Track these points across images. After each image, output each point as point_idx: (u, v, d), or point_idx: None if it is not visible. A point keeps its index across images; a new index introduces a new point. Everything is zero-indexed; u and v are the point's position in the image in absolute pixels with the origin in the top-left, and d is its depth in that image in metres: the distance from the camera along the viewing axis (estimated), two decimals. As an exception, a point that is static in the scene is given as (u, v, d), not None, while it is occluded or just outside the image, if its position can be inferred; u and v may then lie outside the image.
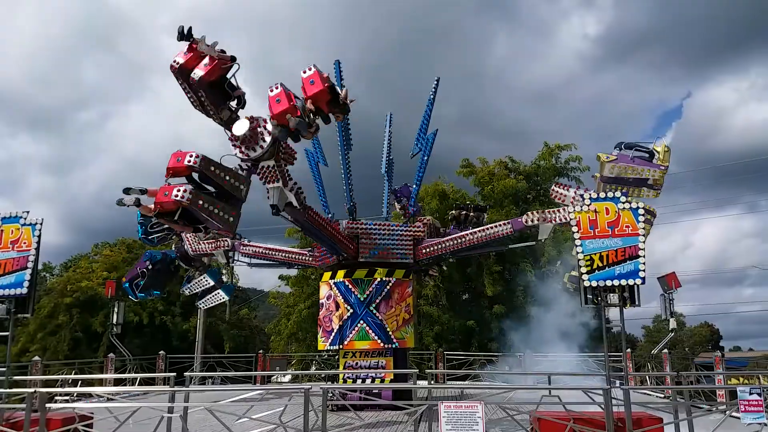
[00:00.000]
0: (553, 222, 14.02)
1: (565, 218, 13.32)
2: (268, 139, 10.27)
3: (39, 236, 10.45)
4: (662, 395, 15.72)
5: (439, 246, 15.39)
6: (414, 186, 16.77)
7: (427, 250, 15.43)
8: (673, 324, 21.12)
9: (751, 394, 8.28)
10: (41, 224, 10.50)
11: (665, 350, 20.59)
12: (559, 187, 14.32)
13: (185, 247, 17.23)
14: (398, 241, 15.31)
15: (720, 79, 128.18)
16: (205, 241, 16.77)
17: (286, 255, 16.72)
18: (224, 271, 38.56)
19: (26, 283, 10.20)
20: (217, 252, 16.93)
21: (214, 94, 10.24)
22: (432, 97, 16.54)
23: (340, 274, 15.11)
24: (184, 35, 9.92)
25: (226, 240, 16.57)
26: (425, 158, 16.64)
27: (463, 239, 15.21)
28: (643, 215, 9.60)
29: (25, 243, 10.40)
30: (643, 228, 9.69)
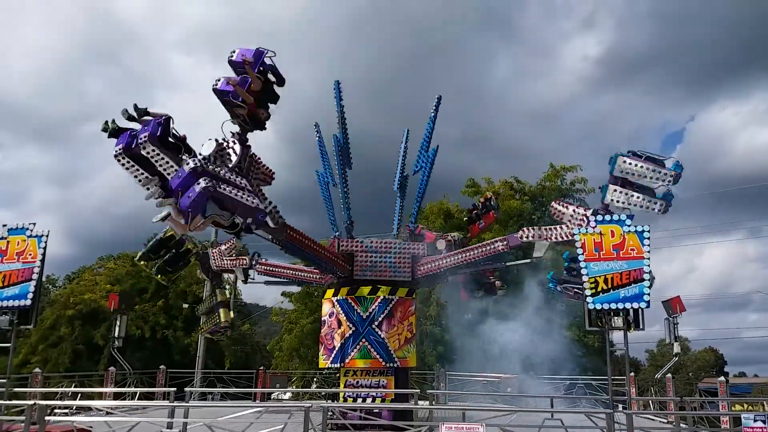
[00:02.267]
0: (549, 240, 13.49)
1: (563, 236, 12.98)
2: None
3: (44, 248, 10.50)
4: (665, 420, 15.55)
5: (436, 263, 15.22)
6: (414, 204, 16.85)
7: (425, 267, 15.25)
8: (677, 348, 20.92)
9: (756, 421, 8.20)
10: (47, 236, 10.55)
11: (669, 375, 20.41)
12: (558, 203, 13.80)
13: (210, 261, 17.23)
14: (395, 259, 15.26)
15: (722, 102, 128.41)
16: (227, 257, 16.89)
17: (299, 273, 16.88)
18: (228, 286, 38.71)
19: (30, 295, 10.22)
20: (237, 269, 16.91)
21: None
22: (433, 115, 16.62)
23: (343, 291, 15.07)
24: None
25: (245, 258, 16.65)
26: (426, 176, 16.72)
27: (460, 256, 14.99)
28: (648, 238, 9.58)
29: (30, 255, 10.44)
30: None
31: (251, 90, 10.64)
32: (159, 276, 16.78)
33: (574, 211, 12.87)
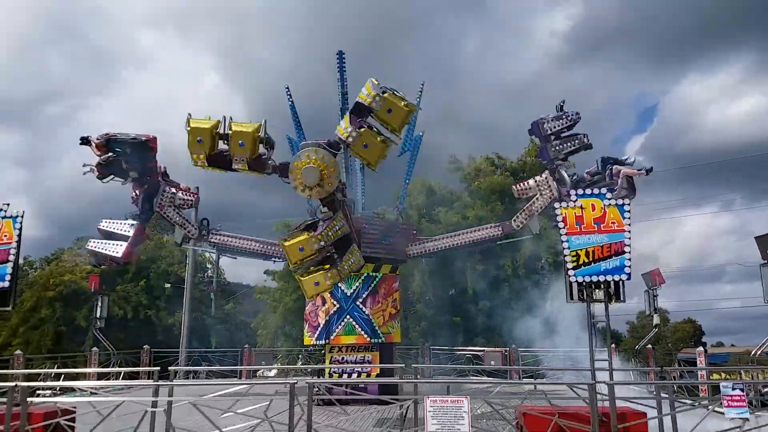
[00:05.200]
0: (537, 212, 14.78)
1: (544, 204, 14.47)
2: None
3: (20, 229, 10.30)
4: (646, 390, 15.84)
5: (432, 244, 16.02)
6: (403, 185, 16.95)
7: (418, 249, 15.84)
8: (656, 320, 21.27)
9: (734, 389, 8.36)
10: (22, 216, 10.34)
11: (649, 346, 20.77)
12: (517, 185, 15.17)
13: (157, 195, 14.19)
14: (395, 238, 15.42)
15: (691, 77, 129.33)
16: (175, 208, 14.57)
17: (268, 247, 16.04)
18: (210, 266, 38.55)
19: (8, 277, 10.06)
20: (177, 227, 14.78)
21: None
22: (418, 100, 16.64)
23: (327, 268, 15.06)
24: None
25: (190, 225, 15.00)
26: (413, 159, 16.80)
27: (455, 239, 15.85)
28: (628, 210, 9.65)
29: (5, 236, 10.25)
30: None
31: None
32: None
33: (536, 180, 14.62)
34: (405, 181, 17.03)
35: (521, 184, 15.02)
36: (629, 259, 9.44)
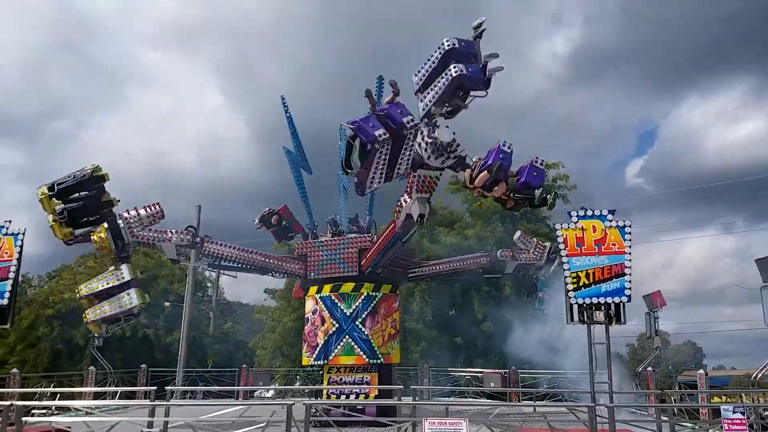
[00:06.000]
0: (519, 261, 16.84)
1: (530, 260, 16.71)
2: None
3: (21, 246, 10.30)
4: (647, 413, 15.70)
5: (428, 269, 16.75)
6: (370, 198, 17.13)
7: (416, 272, 16.48)
8: (657, 342, 21.13)
9: (734, 412, 8.30)
10: (23, 234, 10.34)
11: (649, 368, 20.61)
12: (520, 237, 17.29)
13: (120, 226, 13.34)
14: (342, 254, 15.24)
15: (691, 101, 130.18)
16: (151, 228, 13.96)
17: (269, 261, 15.60)
18: (209, 285, 38.42)
19: (7, 294, 10.03)
20: (162, 244, 14.12)
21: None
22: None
23: (326, 288, 15.03)
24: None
25: (174, 232, 14.19)
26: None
27: (448, 265, 16.69)
28: (629, 233, 9.64)
29: (6, 253, 10.25)
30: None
31: None
32: (58, 226, 12.17)
33: (537, 243, 16.92)
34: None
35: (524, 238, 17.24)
36: (630, 281, 9.42)
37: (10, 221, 10.48)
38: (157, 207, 13.74)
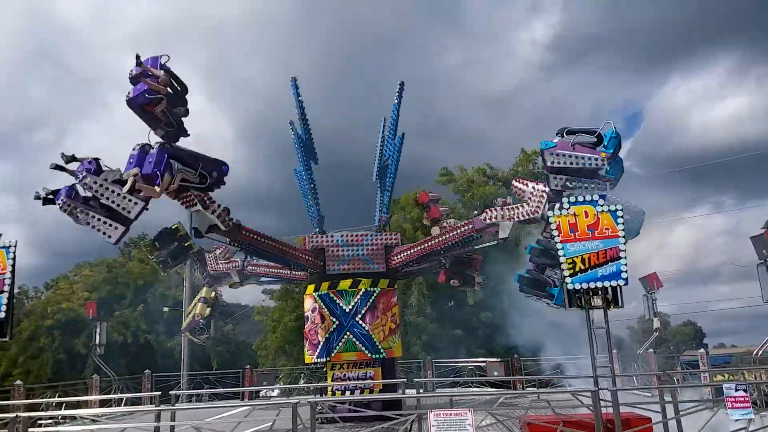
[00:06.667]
0: (513, 219, 13.42)
1: (526, 215, 13.09)
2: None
3: (14, 259, 10.22)
4: (650, 395, 15.80)
5: (409, 252, 15.30)
6: (386, 193, 16.90)
7: (398, 258, 15.34)
8: (657, 324, 21.27)
9: (737, 390, 8.35)
10: (15, 246, 10.25)
11: (651, 350, 20.73)
12: (518, 182, 13.90)
13: (207, 268, 18.43)
14: (367, 251, 15.24)
15: (675, 81, 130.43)
16: (222, 261, 18.05)
17: (282, 271, 17.41)
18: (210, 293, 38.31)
19: (3, 307, 9.99)
20: (231, 271, 18.00)
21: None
22: (397, 102, 16.64)
23: (324, 285, 15.05)
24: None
25: (236, 260, 17.84)
26: (395, 164, 16.80)
27: (430, 243, 15.10)
28: (621, 216, 9.67)
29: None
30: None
31: (161, 82, 10.73)
32: (158, 265, 17.77)
33: (533, 188, 13.12)
34: (387, 189, 16.90)
35: (520, 183, 13.73)
36: (626, 264, 9.45)
37: (0, 234, 10.37)
38: (226, 247, 17.27)
